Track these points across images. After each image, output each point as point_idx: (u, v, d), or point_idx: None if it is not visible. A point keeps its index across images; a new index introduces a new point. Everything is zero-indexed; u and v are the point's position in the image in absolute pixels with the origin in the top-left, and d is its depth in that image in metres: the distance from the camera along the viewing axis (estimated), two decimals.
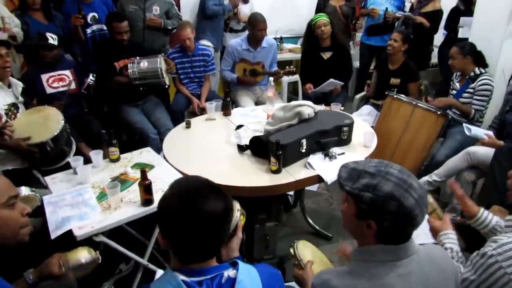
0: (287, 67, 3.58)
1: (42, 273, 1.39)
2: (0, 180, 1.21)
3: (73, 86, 2.98)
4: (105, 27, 3.41)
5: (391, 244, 1.05)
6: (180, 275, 0.97)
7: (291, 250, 1.52)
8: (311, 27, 3.62)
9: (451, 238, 1.43)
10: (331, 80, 3.54)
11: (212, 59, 3.65)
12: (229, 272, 1.00)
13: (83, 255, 1.50)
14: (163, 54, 3.25)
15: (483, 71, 2.97)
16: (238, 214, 1.35)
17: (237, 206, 1.37)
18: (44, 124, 2.30)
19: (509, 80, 3.29)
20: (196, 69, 3.58)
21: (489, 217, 1.61)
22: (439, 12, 4.23)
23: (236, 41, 3.64)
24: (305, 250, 1.52)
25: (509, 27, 3.15)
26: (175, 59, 3.47)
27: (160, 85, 3.17)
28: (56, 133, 2.25)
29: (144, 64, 3.05)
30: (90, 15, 3.40)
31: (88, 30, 3.43)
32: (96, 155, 2.17)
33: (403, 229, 1.03)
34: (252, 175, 2.09)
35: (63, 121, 2.32)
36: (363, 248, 1.10)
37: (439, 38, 4.70)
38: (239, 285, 0.98)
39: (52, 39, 2.81)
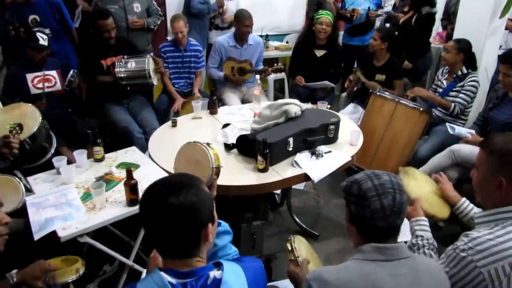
0: (275, 64, 3.60)
1: (25, 281, 1.35)
2: None
3: (58, 87, 2.92)
4: (46, 31, 3.26)
5: (369, 237, 1.12)
6: (166, 276, 0.97)
7: (288, 245, 1.51)
8: (313, 20, 3.62)
9: (422, 225, 1.49)
10: (326, 81, 3.59)
11: (202, 55, 3.63)
12: (215, 273, 1.01)
13: (71, 276, 1.46)
14: (151, 54, 3.20)
15: (469, 70, 3.00)
16: (211, 173, 1.36)
17: (211, 162, 1.38)
18: (21, 122, 2.24)
19: (492, 78, 3.37)
20: (186, 64, 3.56)
21: (469, 207, 1.70)
22: None
23: (223, 37, 3.63)
24: (301, 247, 1.52)
25: (492, 25, 3.21)
26: (167, 52, 3.43)
27: (147, 86, 3.14)
28: (33, 131, 2.19)
29: (132, 64, 3.00)
30: (31, 17, 3.28)
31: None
32: (80, 154, 2.13)
33: (363, 213, 1.11)
34: (239, 174, 2.08)
35: (40, 118, 2.26)
36: (357, 249, 1.15)
37: None
38: (224, 285, 0.99)
39: (43, 39, 2.74)
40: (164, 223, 0.97)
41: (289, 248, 1.49)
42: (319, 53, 3.68)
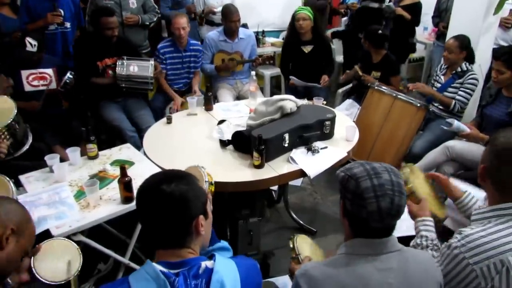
0: (265, 53, 3.59)
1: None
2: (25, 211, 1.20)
3: (53, 85, 2.88)
4: (68, 25, 3.28)
5: (361, 235, 1.10)
6: (159, 266, 0.99)
7: (290, 243, 1.51)
8: (294, 19, 3.61)
9: (427, 225, 1.46)
10: (315, 84, 3.58)
11: (202, 55, 3.58)
12: (207, 263, 1.02)
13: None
14: (154, 59, 3.17)
15: (469, 67, 3.00)
16: (206, 186, 1.38)
17: (204, 176, 1.40)
18: None
19: (486, 75, 3.37)
20: (186, 65, 3.49)
21: (473, 200, 1.63)
22: (418, 5, 4.28)
23: (213, 32, 3.62)
24: (304, 245, 1.52)
25: (486, 22, 3.21)
26: (165, 53, 3.38)
27: (145, 90, 3.12)
28: (15, 111, 2.11)
29: (134, 69, 2.98)
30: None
31: (51, 27, 3.25)
32: (73, 152, 2.11)
33: (358, 211, 1.07)
34: (235, 170, 2.06)
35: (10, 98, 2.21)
36: (345, 243, 1.14)
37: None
38: (216, 275, 0.99)
39: (31, 46, 2.70)
40: (156, 209, 1.01)
41: (291, 246, 1.50)
42: (307, 49, 3.65)
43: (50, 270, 1.33)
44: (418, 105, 2.89)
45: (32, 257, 1.31)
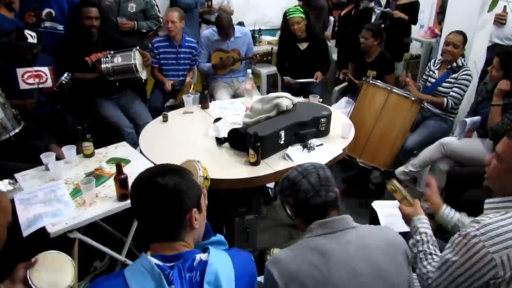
0: (261, 51, 3.61)
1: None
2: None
3: (49, 83, 2.88)
4: (59, 27, 3.26)
5: (316, 219, 1.22)
6: (154, 259, 1.00)
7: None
8: (286, 18, 3.61)
9: (424, 222, 1.46)
10: (309, 79, 3.60)
11: (198, 52, 3.58)
12: (201, 256, 1.03)
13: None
14: (137, 47, 3.15)
15: (464, 62, 3.00)
16: (200, 181, 1.38)
17: (199, 172, 1.41)
18: None
19: (481, 71, 3.38)
20: (181, 61, 3.48)
21: (451, 214, 1.63)
22: (416, 4, 4.28)
23: (209, 31, 3.62)
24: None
25: (481, 18, 3.22)
26: (159, 48, 3.36)
27: (136, 81, 3.10)
28: None
29: (118, 59, 2.94)
30: (46, 10, 3.19)
31: (43, 24, 3.22)
32: (68, 150, 2.11)
33: (297, 196, 1.23)
34: (231, 167, 2.07)
35: None
36: (305, 230, 1.26)
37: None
38: (210, 267, 1.01)
39: (31, 37, 2.69)
40: (150, 201, 1.02)
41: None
42: (302, 46, 3.65)
43: (46, 281, 1.33)
44: (413, 98, 2.89)
45: (28, 270, 1.31)
